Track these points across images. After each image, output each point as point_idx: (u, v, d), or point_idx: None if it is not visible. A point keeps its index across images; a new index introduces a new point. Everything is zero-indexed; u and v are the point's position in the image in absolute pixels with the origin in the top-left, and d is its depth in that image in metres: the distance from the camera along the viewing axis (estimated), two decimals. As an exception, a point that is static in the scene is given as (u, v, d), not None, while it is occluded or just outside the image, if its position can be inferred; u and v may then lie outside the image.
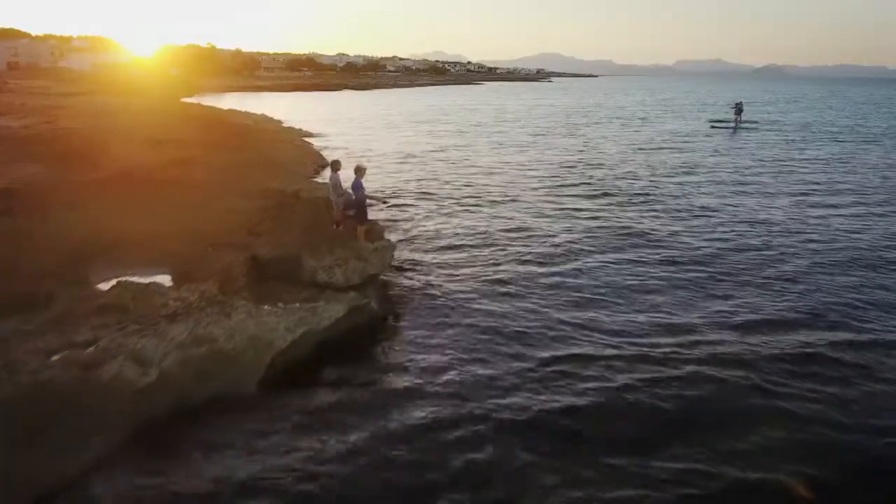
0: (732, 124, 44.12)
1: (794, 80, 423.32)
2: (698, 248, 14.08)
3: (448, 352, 8.98)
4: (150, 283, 8.57)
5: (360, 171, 10.67)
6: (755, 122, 45.96)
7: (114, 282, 8.51)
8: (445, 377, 8.29)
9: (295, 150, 26.08)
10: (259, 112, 46.37)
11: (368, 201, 11.15)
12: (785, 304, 10.76)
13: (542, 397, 7.75)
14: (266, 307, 8.57)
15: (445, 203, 18.81)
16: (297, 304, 8.82)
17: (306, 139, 32.99)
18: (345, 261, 9.81)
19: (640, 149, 32.87)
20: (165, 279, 9.21)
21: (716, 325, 9.86)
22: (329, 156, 27.40)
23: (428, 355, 8.84)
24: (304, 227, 10.83)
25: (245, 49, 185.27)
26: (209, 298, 8.29)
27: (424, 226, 15.74)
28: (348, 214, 10.90)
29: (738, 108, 45.00)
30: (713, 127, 44.31)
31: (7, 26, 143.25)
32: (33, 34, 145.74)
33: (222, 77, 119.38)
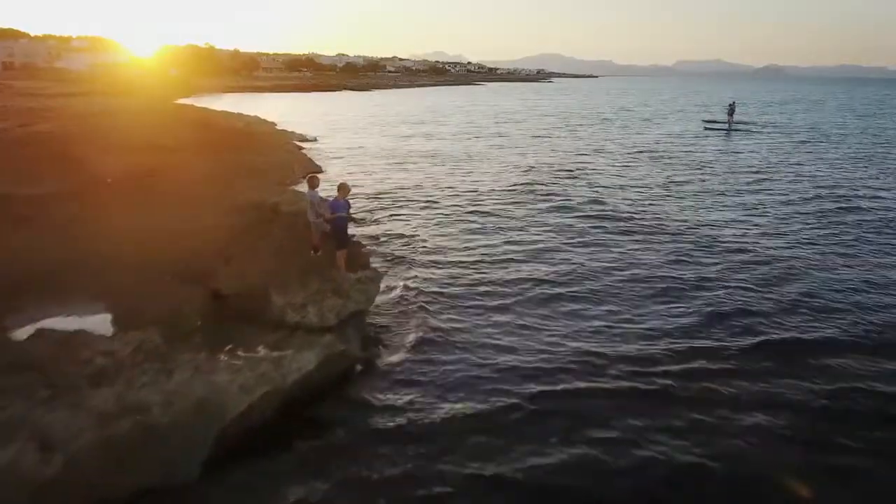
0: (726, 125, 43.06)
1: (794, 81, 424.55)
2: (698, 255, 13.59)
3: (443, 404, 7.51)
4: (78, 331, 7.02)
5: (343, 190, 9.11)
6: (749, 123, 44.76)
7: (34, 328, 6.98)
8: (437, 439, 6.86)
9: (285, 154, 24.56)
10: (253, 114, 44.98)
11: (354, 216, 9.64)
12: (782, 307, 10.49)
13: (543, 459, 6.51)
14: (222, 358, 7.06)
15: (441, 212, 17.40)
16: (261, 351, 7.31)
17: (299, 143, 31.55)
18: (320, 296, 8.29)
19: (640, 152, 31.63)
20: (106, 320, 7.67)
21: (711, 326, 9.71)
22: (322, 161, 25.99)
23: (419, 410, 7.35)
24: (276, 252, 9.30)
25: (245, 49, 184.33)
26: (149, 350, 6.75)
27: (418, 241, 14.20)
28: (325, 231, 9.36)
29: (731, 109, 43.98)
30: (707, 128, 43.26)
31: (6, 26, 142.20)
32: (32, 34, 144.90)
33: (221, 77, 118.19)
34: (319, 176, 22.16)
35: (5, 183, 13.46)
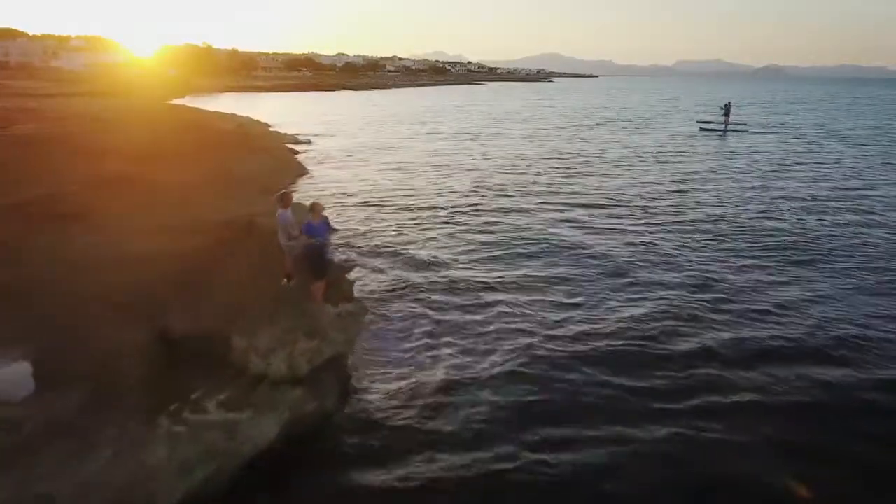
0: (721, 126, 41.91)
1: (794, 81, 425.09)
2: (696, 255, 13.36)
3: (432, 463, 6.18)
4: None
5: (316, 210, 7.68)
6: (744, 124, 43.42)
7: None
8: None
9: (272, 159, 23.13)
10: (248, 114, 43.71)
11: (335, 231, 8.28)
12: (781, 312, 10.11)
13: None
14: (162, 424, 5.68)
15: (441, 220, 16.02)
16: (212, 413, 5.94)
17: (292, 145, 30.20)
18: (291, 338, 6.90)
19: (640, 154, 30.40)
20: (20, 375, 6.22)
21: (705, 325, 9.51)
22: (315, 165, 24.61)
23: (401, 477, 5.99)
24: (242, 280, 7.90)
25: (244, 49, 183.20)
26: (67, 418, 5.38)
27: (413, 256, 12.72)
28: (298, 257, 7.97)
29: (727, 110, 42.77)
30: (702, 129, 42.17)
31: (4, 26, 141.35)
32: (31, 34, 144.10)
33: (220, 77, 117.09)
34: (309, 181, 20.86)
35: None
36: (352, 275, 10.34)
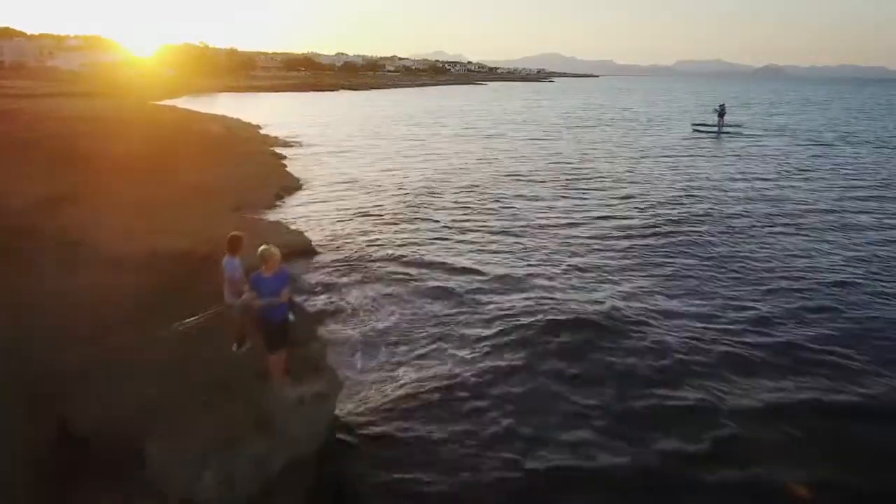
0: (715, 128, 40.58)
1: (793, 81, 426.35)
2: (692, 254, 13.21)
3: None
4: None
5: (268, 258, 5.68)
6: (739, 125, 41.88)
7: None
8: None
9: (258, 167, 21.25)
10: (240, 115, 42.11)
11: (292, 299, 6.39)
12: (781, 308, 9.98)
13: None
14: None
15: (443, 236, 14.16)
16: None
17: (281, 148, 28.33)
18: (232, 439, 5.01)
19: (643, 156, 28.91)
20: None
21: (708, 324, 9.29)
22: (304, 171, 22.70)
23: None
24: (178, 347, 5.97)
25: (244, 49, 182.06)
26: None
27: (410, 286, 10.79)
28: (250, 316, 6.04)
29: (721, 112, 41.44)
30: (696, 130, 40.72)
31: (3, 25, 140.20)
32: (29, 33, 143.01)
33: (219, 77, 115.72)
34: (294, 191, 18.84)
35: None
36: (327, 326, 8.37)
